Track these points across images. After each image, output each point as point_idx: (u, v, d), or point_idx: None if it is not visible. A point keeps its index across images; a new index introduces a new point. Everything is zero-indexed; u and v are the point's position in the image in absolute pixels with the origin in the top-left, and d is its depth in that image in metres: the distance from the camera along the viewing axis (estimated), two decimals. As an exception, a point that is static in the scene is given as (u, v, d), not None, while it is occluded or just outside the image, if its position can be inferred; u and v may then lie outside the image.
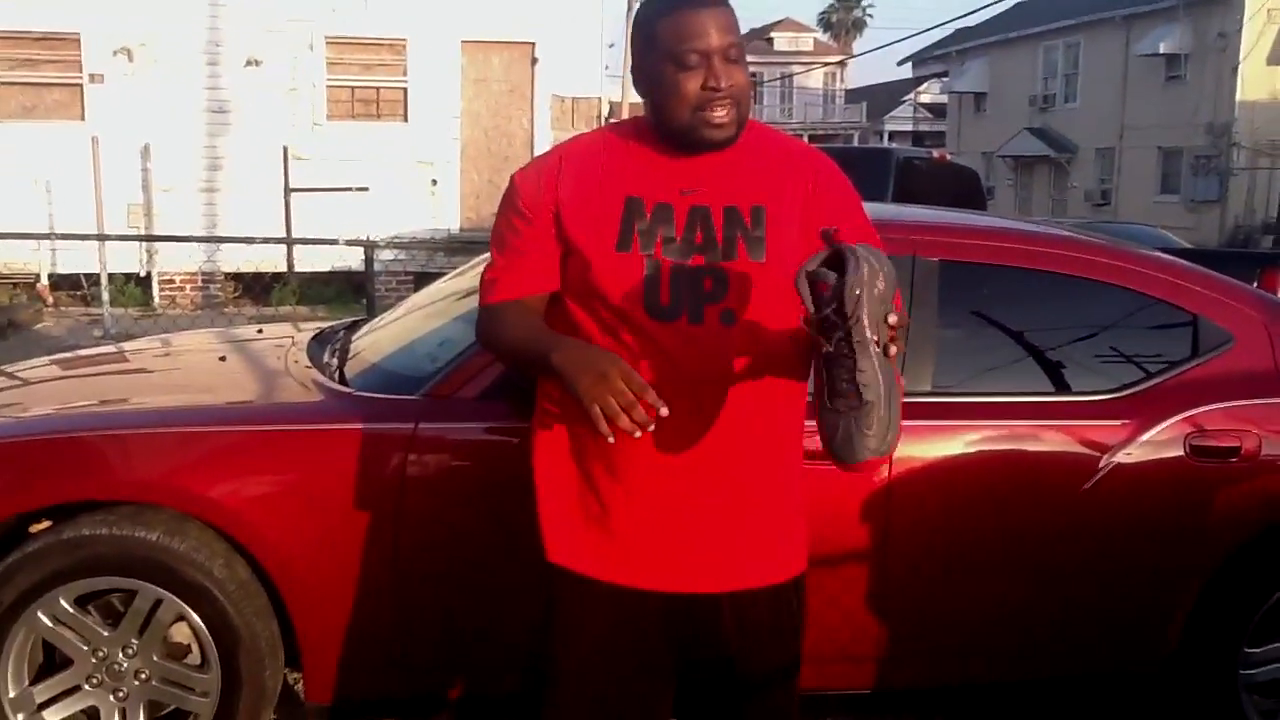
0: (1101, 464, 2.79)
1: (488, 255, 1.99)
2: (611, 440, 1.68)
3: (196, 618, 2.59)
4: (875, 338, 1.61)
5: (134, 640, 2.61)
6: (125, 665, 2.61)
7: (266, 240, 8.81)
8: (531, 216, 1.89)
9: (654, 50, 1.82)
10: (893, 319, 1.64)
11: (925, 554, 2.77)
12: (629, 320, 1.84)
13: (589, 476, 1.91)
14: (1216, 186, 26.60)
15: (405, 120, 12.29)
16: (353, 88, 12.20)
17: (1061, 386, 2.91)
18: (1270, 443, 2.84)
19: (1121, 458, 2.79)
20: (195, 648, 2.63)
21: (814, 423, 1.76)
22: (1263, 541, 2.85)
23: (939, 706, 3.20)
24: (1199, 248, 11.73)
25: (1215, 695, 2.91)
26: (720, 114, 1.80)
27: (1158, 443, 2.81)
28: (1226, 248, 20.36)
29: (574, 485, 1.93)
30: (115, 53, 11.28)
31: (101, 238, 9.13)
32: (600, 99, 13.74)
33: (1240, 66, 25.78)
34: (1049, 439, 2.83)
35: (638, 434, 1.67)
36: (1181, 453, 2.81)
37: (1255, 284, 6.05)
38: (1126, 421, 2.82)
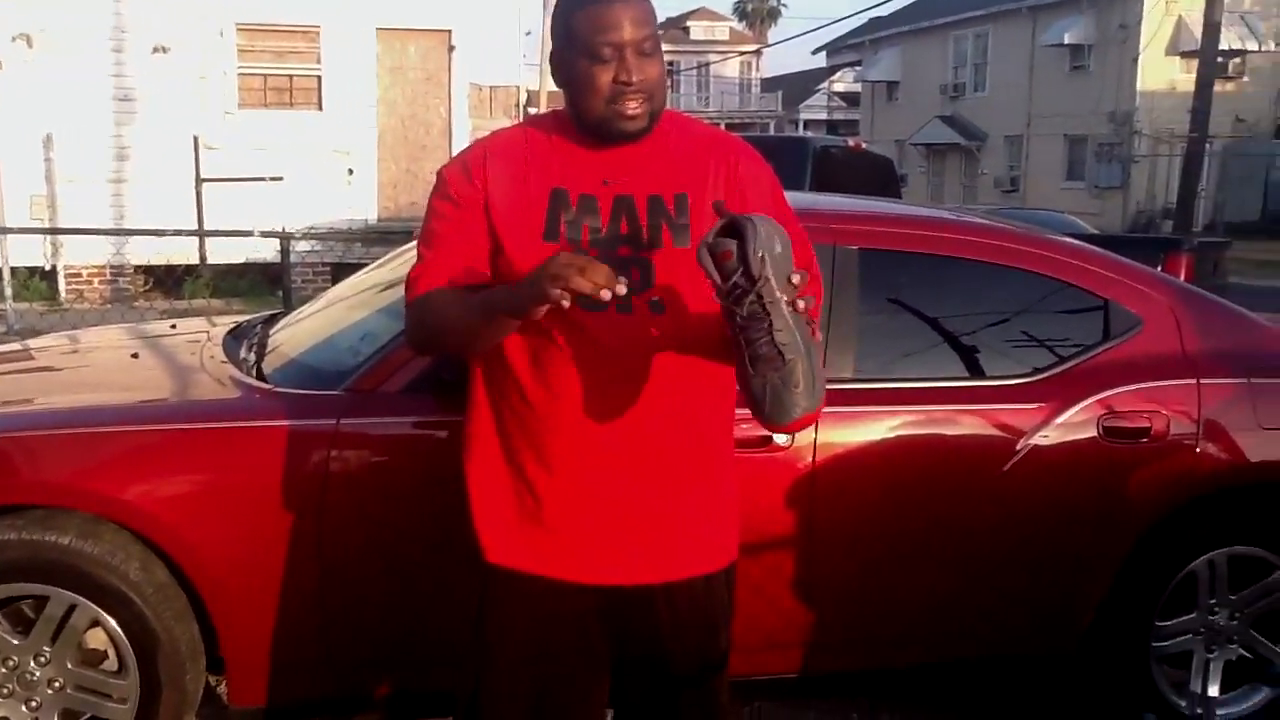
0: (1019, 447, 2.85)
1: (409, 247, 1.97)
2: (565, 304, 1.61)
3: (113, 622, 2.52)
4: (785, 297, 1.63)
5: (46, 648, 2.53)
6: (38, 674, 2.54)
7: (179, 232, 8.59)
8: (461, 203, 1.89)
9: (570, 42, 1.82)
10: (795, 278, 1.66)
11: (849, 540, 2.81)
12: (559, 312, 1.80)
13: (521, 471, 1.90)
14: (1119, 173, 27.39)
15: (320, 109, 12.07)
16: (265, 75, 11.95)
17: (979, 371, 2.97)
18: (1178, 423, 2.92)
19: (1038, 440, 2.86)
20: (112, 653, 2.56)
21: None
22: (1173, 519, 2.95)
23: (864, 689, 3.24)
24: (1105, 233, 12.05)
25: (1129, 668, 3.00)
26: (632, 107, 1.80)
27: (1072, 425, 2.88)
28: (1130, 233, 20.96)
29: (507, 480, 1.92)
30: (14, 39, 10.89)
31: (2, 230, 8.81)
32: (518, 88, 13.65)
33: (1140, 57, 26.53)
34: (968, 423, 2.89)
35: (605, 295, 1.61)
36: (1095, 434, 2.88)
37: (1159, 268, 6.24)
38: (1042, 405, 2.89)
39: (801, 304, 1.66)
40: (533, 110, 17.97)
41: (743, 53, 49.92)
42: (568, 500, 1.88)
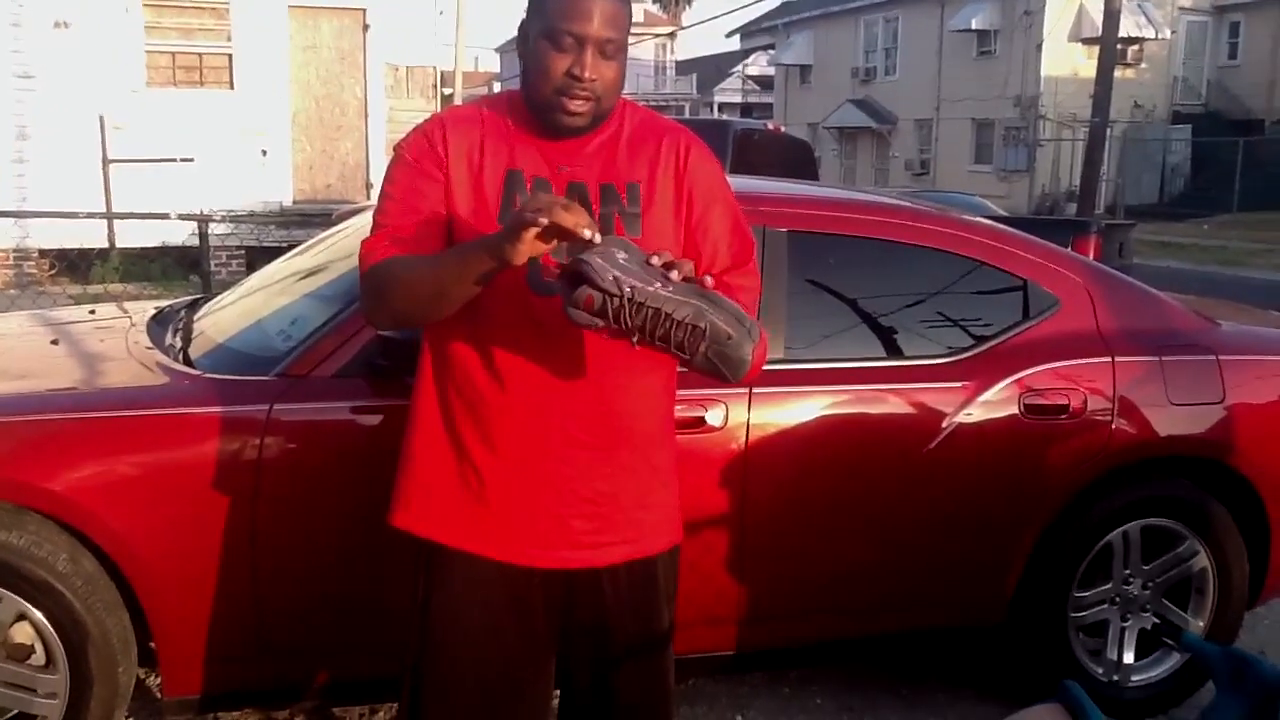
0: (944, 424, 2.93)
1: (335, 230, 1.96)
2: (587, 236, 1.60)
3: (40, 616, 2.46)
4: (658, 284, 1.63)
5: (-30, 643, 2.46)
6: (-39, 670, 2.47)
7: (91, 215, 8.32)
8: (423, 171, 1.86)
9: (537, 20, 1.81)
10: (655, 259, 1.66)
11: (781, 517, 2.86)
12: (511, 294, 1.84)
13: (466, 453, 1.91)
14: (1025, 157, 28.05)
15: (231, 88, 11.77)
16: (174, 53, 11.61)
17: (906, 351, 3.04)
18: (1094, 400, 3.03)
19: (962, 418, 2.94)
20: (39, 648, 2.50)
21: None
22: (1090, 492, 3.06)
23: (793, 664, 3.31)
24: (1015, 215, 12.34)
25: (1048, 638, 3.11)
26: (576, 104, 1.80)
27: (994, 403, 2.97)
28: (1037, 215, 21.49)
29: (451, 461, 1.92)
30: (-97, 12, 10.44)
31: (-104, 213, 8.47)
32: (434, 68, 13.49)
33: (1044, 43, 27.16)
34: (895, 402, 2.96)
35: (586, 234, 1.59)
36: (1016, 412, 2.98)
37: (1067, 249, 6.41)
38: (966, 383, 2.97)
39: (676, 273, 1.65)
40: (447, 91, 17.78)
41: (657, 35, 49.89)
42: (512, 482, 1.89)
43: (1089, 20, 25.33)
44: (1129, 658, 3.21)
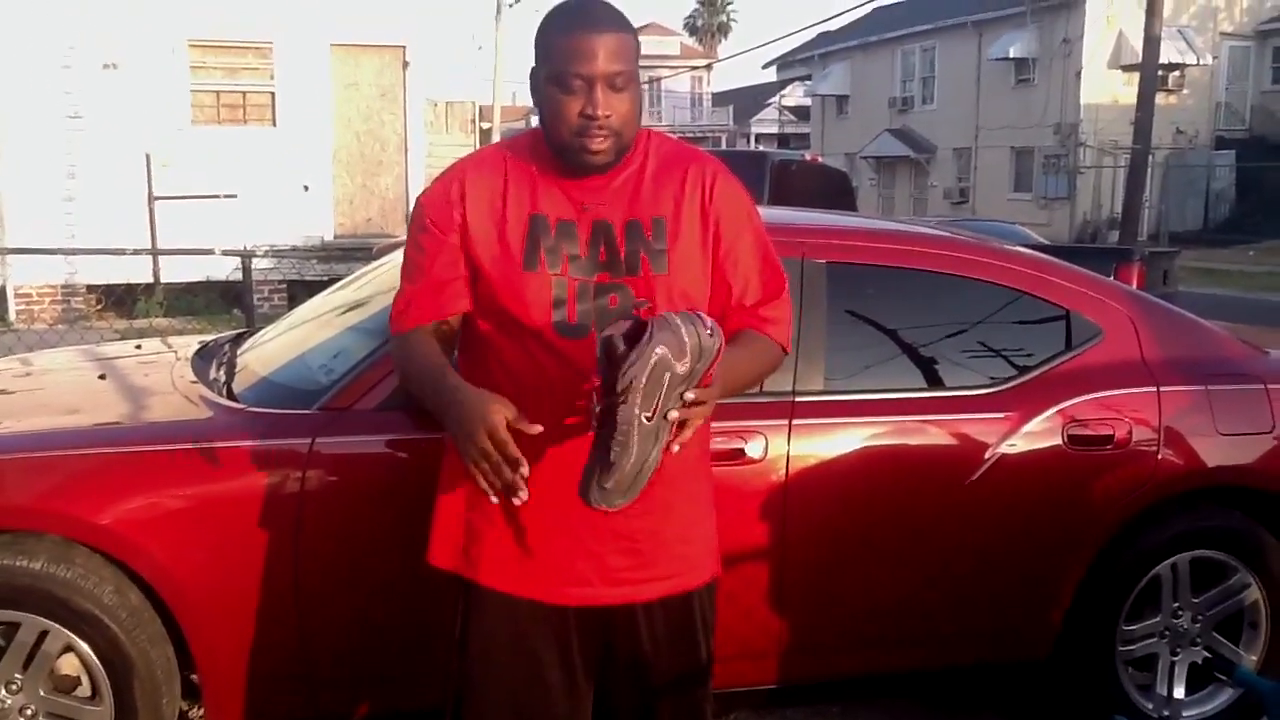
0: (987, 456, 2.90)
1: (375, 265, 1.98)
2: (494, 500, 1.74)
3: (86, 648, 2.49)
4: (648, 414, 1.64)
5: (18, 675, 2.49)
6: (9, 702, 2.50)
7: (137, 251, 8.47)
8: (440, 234, 1.90)
9: (545, 66, 1.82)
10: (690, 395, 1.64)
11: (822, 550, 2.84)
12: (540, 339, 1.86)
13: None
14: (1065, 184, 27.82)
15: (274, 125, 11.97)
16: (218, 92, 11.84)
17: (947, 382, 3.02)
18: (1140, 430, 2.99)
19: (1005, 449, 2.91)
20: (85, 679, 2.53)
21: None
22: (1137, 524, 3.01)
23: (835, 697, 3.28)
24: (1056, 244, 12.24)
25: (1096, 672, 3.06)
26: (596, 142, 1.80)
27: (1038, 433, 2.94)
28: (1079, 243, 21.30)
29: (486, 501, 1.89)
30: (-41, 56, 10.72)
31: (-49, 251, 8.66)
32: (473, 103, 13.64)
33: (1083, 71, 27.01)
34: (936, 433, 2.93)
35: (515, 500, 1.71)
36: (1060, 442, 2.94)
37: (1111, 278, 6.35)
38: (1009, 414, 2.94)
39: (685, 431, 1.67)
40: (485, 126, 17.97)
41: (693, 67, 50.17)
42: (547, 521, 1.89)
43: (1129, 47, 25.16)
44: (1180, 693, 3.15)
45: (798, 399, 2.82)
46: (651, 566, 1.93)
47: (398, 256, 3.34)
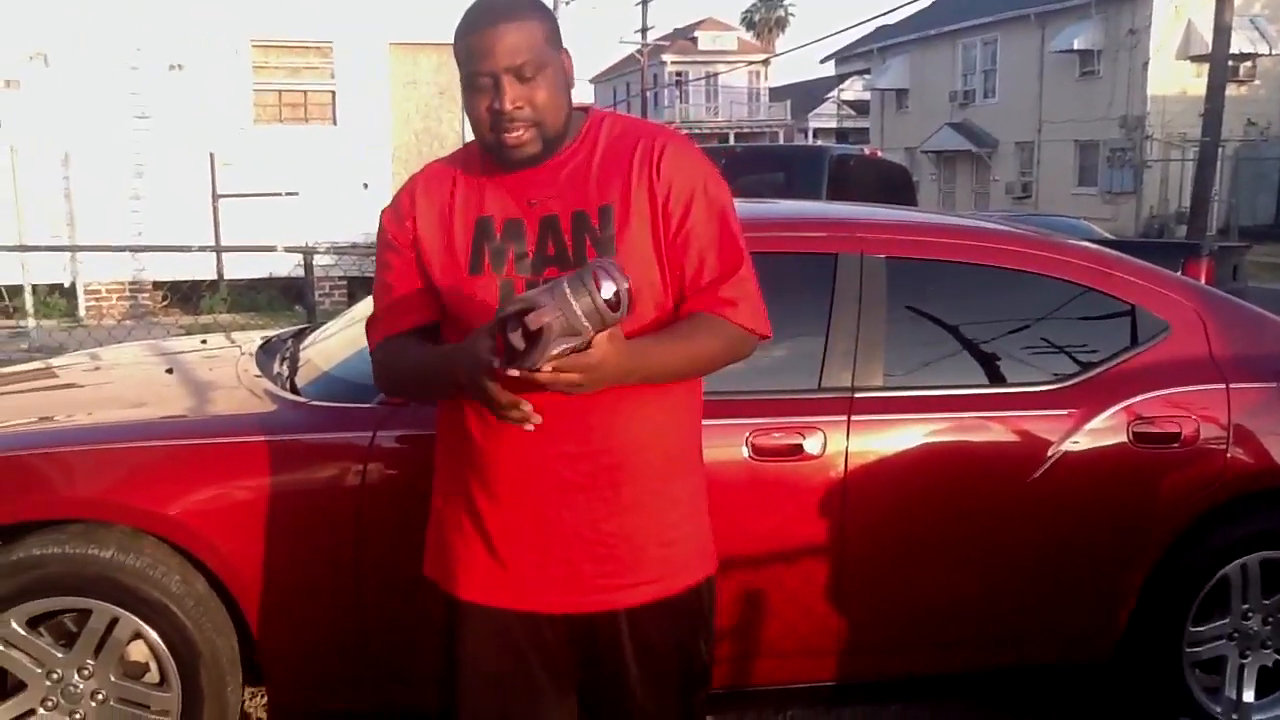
0: (1050, 453, 2.86)
1: None
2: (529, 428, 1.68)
3: (154, 635, 2.55)
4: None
5: (90, 660, 2.55)
6: (81, 686, 2.56)
7: (202, 248, 8.63)
8: (398, 248, 1.91)
9: (460, 70, 1.79)
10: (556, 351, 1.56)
11: (881, 548, 2.82)
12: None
13: (471, 502, 1.87)
14: (1131, 178, 27.34)
15: (334, 123, 12.12)
16: (280, 91, 12.00)
17: (1009, 378, 2.98)
18: (1207, 428, 2.93)
19: (1069, 446, 2.87)
20: (154, 666, 2.59)
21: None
22: (1205, 524, 2.95)
23: (894, 697, 3.25)
24: (1123, 239, 12.02)
25: (1162, 675, 3.00)
26: (513, 136, 1.76)
27: (1102, 431, 2.89)
28: (1146, 238, 20.92)
29: (460, 510, 1.89)
30: (31, 57, 10.97)
31: (25, 248, 8.87)
32: (531, 100, 13.69)
33: (1150, 62, 26.51)
34: (998, 430, 2.90)
35: (529, 426, 1.66)
36: (1125, 440, 2.89)
37: (1178, 273, 6.23)
38: (1072, 411, 2.89)
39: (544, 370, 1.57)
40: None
41: (750, 62, 50.00)
42: (516, 531, 1.84)
43: (1198, 37, 24.67)
44: (1249, 696, 3.08)
45: (856, 395, 2.80)
46: (630, 572, 1.85)
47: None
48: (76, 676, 2.56)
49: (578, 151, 1.84)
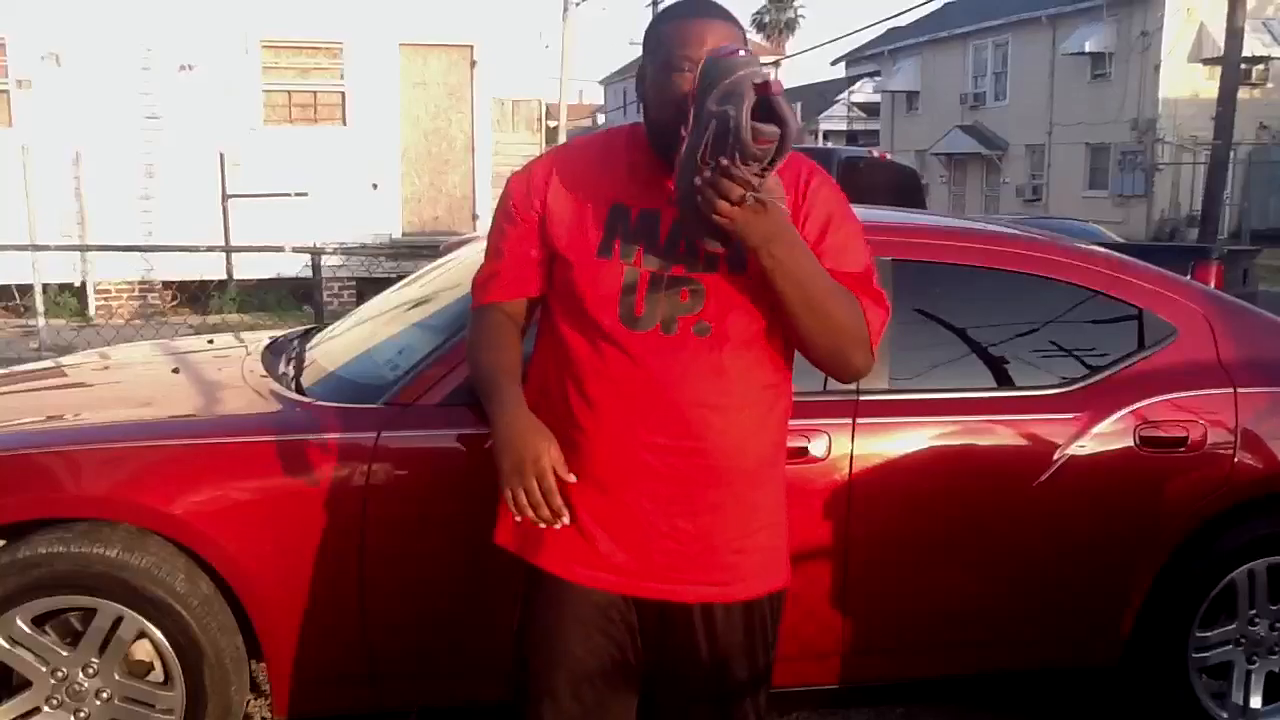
0: (1056, 457, 2.85)
1: (440, 262, 2.01)
2: (518, 520, 1.83)
3: (159, 634, 2.55)
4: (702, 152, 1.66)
5: (94, 659, 2.56)
6: (86, 685, 2.56)
7: (211, 248, 8.66)
8: (519, 219, 1.95)
9: (655, 56, 1.86)
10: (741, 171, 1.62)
11: (886, 551, 2.81)
12: (601, 329, 1.86)
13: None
14: (1143, 181, 27.23)
15: (344, 124, 12.16)
16: (289, 92, 12.05)
17: (1015, 381, 2.97)
18: (1215, 432, 2.92)
19: (1075, 450, 2.86)
20: (158, 665, 2.59)
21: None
22: (1212, 528, 2.94)
23: (899, 699, 3.24)
24: (1132, 242, 11.99)
25: (1167, 680, 2.99)
26: None
27: (1109, 435, 2.88)
28: (1157, 241, 20.85)
29: None
30: (43, 58, 11.03)
31: (35, 248, 8.90)
32: (540, 101, 13.73)
33: (1162, 65, 26.41)
34: (1003, 434, 2.89)
35: (558, 525, 1.81)
36: (1132, 444, 2.88)
37: (1188, 277, 6.21)
38: (1078, 414, 2.88)
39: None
40: (552, 124, 18.06)
41: (761, 64, 49.91)
42: (598, 509, 1.89)
43: (1210, 40, 24.55)
44: (1256, 702, 3.06)
45: (862, 398, 2.80)
46: (697, 570, 1.90)
47: (464, 253, 3.39)
48: (81, 675, 2.56)
49: None
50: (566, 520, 1.82)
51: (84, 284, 11.27)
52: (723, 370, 1.86)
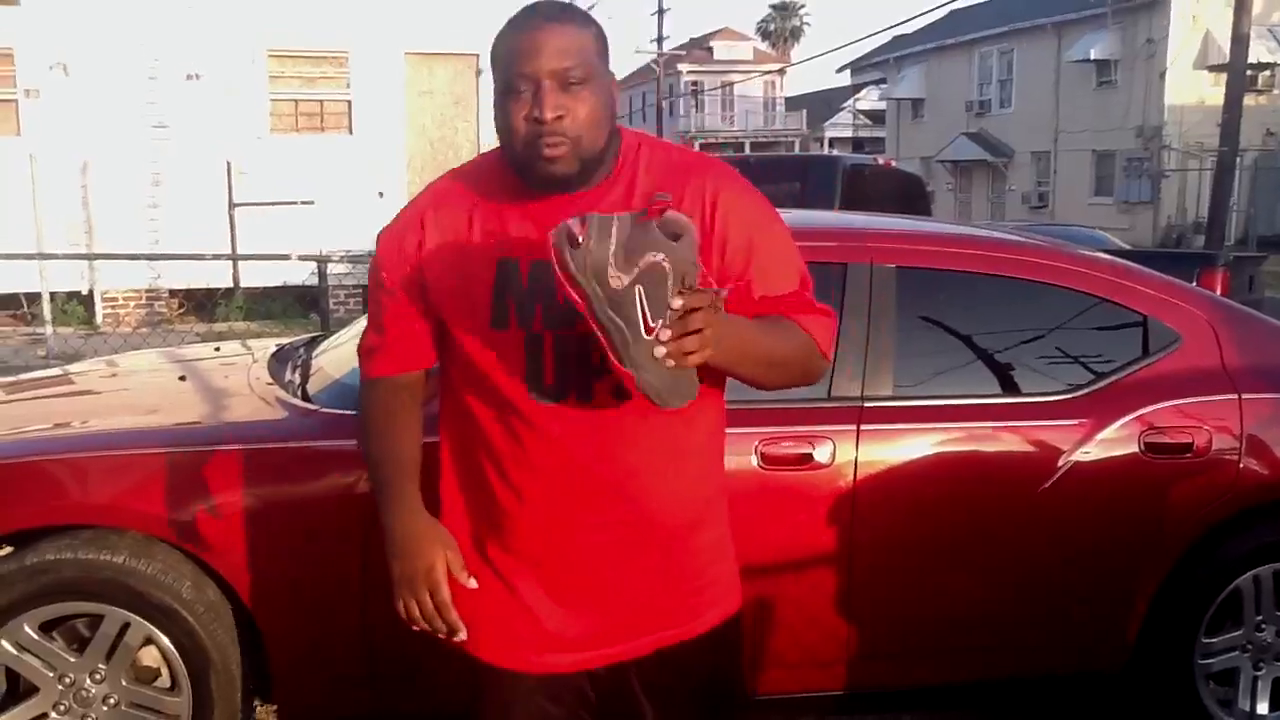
0: (1060, 463, 2.85)
1: None
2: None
3: (165, 640, 2.56)
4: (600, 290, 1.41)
5: (101, 665, 2.57)
6: (93, 691, 2.58)
7: (217, 256, 8.69)
8: (394, 289, 1.71)
9: (496, 78, 1.62)
10: (676, 302, 1.39)
11: (890, 557, 2.81)
12: (511, 405, 1.66)
13: (491, 563, 1.76)
14: (1149, 188, 27.22)
15: (350, 133, 12.19)
16: (296, 100, 12.08)
17: (1020, 388, 2.97)
18: (1220, 438, 2.92)
19: (1079, 457, 2.86)
20: (165, 671, 2.60)
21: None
22: (1217, 535, 2.93)
23: (904, 706, 3.24)
24: (1138, 249, 11.98)
25: (1174, 686, 2.99)
26: (549, 149, 1.56)
27: (1113, 441, 2.88)
28: (1163, 248, 20.82)
29: (477, 568, 1.77)
30: (51, 67, 11.08)
31: (43, 256, 8.94)
32: (544, 109, 13.73)
33: (1168, 71, 26.41)
34: (1008, 440, 2.89)
35: (456, 638, 1.71)
36: (1136, 450, 2.88)
37: (1194, 283, 6.21)
38: (1083, 421, 2.88)
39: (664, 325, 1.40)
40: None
41: (766, 72, 50.05)
42: (551, 591, 1.73)
43: (1215, 47, 24.56)
44: (1263, 708, 3.06)
45: (866, 404, 2.80)
46: (650, 621, 1.74)
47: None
48: (88, 681, 2.57)
49: (614, 185, 1.65)
50: (463, 636, 1.70)
51: (91, 292, 11.30)
52: (650, 432, 1.65)
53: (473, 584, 1.71)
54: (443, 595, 1.70)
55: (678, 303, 1.38)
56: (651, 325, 1.39)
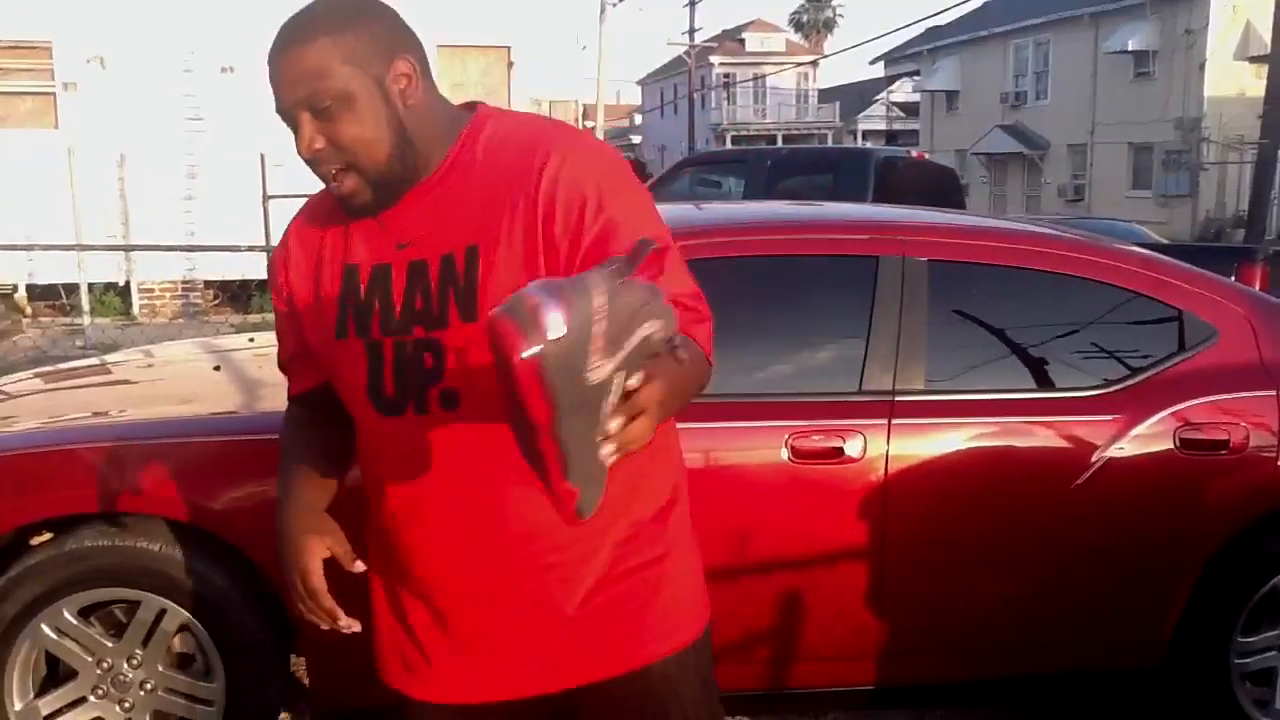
0: (1094, 459, 2.82)
1: None
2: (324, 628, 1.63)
3: (200, 627, 2.59)
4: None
5: (138, 650, 2.61)
6: (130, 676, 2.62)
7: (252, 248, 8.77)
8: (279, 305, 1.65)
9: None
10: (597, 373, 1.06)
11: (921, 552, 2.80)
12: (364, 420, 1.56)
13: (392, 592, 1.68)
14: (1187, 181, 26.90)
15: (383, 125, 12.26)
16: (330, 93, 12.16)
17: (1054, 383, 2.95)
18: (1258, 435, 2.88)
19: (1113, 452, 2.83)
20: (200, 657, 2.64)
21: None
22: (1254, 532, 2.90)
23: (936, 702, 3.23)
24: (1175, 243, 11.85)
25: (1209, 685, 2.96)
26: (336, 186, 1.46)
27: (1148, 437, 2.85)
28: (1201, 242, 20.58)
29: (381, 598, 1.71)
30: (89, 61, 11.22)
31: (82, 248, 9.06)
32: (576, 101, 13.78)
33: (1207, 63, 26.08)
34: (1042, 435, 2.87)
35: (345, 629, 1.59)
36: (1171, 446, 2.85)
37: (1232, 278, 6.13)
38: (1117, 416, 2.86)
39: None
40: (589, 124, 18.09)
41: (799, 64, 49.82)
42: (430, 619, 1.62)
43: (1257, 37, 24.21)
44: (1299, 709, 3.02)
45: (897, 398, 2.79)
46: (576, 648, 1.57)
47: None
48: (126, 666, 2.61)
49: (450, 173, 1.49)
50: (347, 626, 1.59)
51: (128, 283, 11.44)
52: (496, 435, 1.35)
53: (359, 567, 1.59)
54: (312, 582, 1.56)
55: (634, 380, 1.08)
56: (605, 427, 1.08)
